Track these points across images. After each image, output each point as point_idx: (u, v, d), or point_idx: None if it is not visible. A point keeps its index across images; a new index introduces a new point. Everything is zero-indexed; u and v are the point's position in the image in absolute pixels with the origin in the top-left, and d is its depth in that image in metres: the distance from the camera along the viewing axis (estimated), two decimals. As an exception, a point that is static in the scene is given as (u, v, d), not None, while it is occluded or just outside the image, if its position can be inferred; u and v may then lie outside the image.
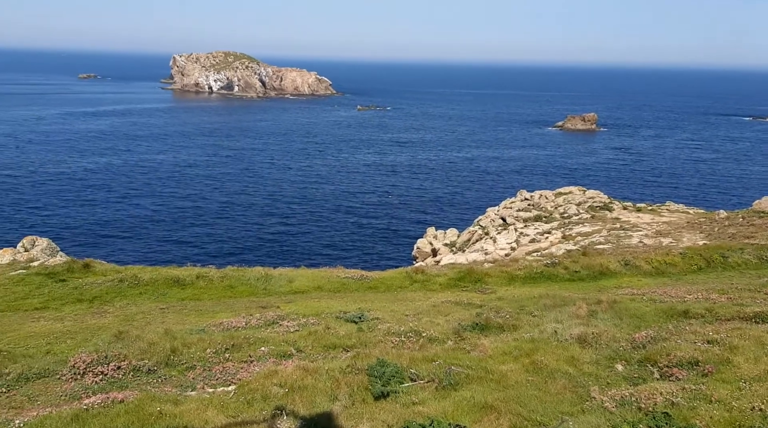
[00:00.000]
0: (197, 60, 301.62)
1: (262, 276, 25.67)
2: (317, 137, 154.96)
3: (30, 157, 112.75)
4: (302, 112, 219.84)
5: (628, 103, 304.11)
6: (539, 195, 54.49)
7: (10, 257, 28.48)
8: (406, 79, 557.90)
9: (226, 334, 16.14)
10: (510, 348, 13.80)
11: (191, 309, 21.28)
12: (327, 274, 26.32)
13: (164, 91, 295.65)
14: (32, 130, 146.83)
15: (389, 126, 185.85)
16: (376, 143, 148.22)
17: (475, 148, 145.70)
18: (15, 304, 21.93)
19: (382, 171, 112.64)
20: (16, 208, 78.56)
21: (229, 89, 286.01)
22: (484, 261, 31.58)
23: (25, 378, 13.63)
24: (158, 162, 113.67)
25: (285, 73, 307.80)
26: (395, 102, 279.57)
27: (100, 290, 23.46)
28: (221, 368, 13.85)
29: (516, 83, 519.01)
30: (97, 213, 78.22)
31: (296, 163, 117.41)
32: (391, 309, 19.65)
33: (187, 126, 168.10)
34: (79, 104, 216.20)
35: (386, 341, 15.16)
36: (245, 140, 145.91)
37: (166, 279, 24.86)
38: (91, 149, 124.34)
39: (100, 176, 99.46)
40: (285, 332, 16.52)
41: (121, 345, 15.07)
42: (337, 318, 17.81)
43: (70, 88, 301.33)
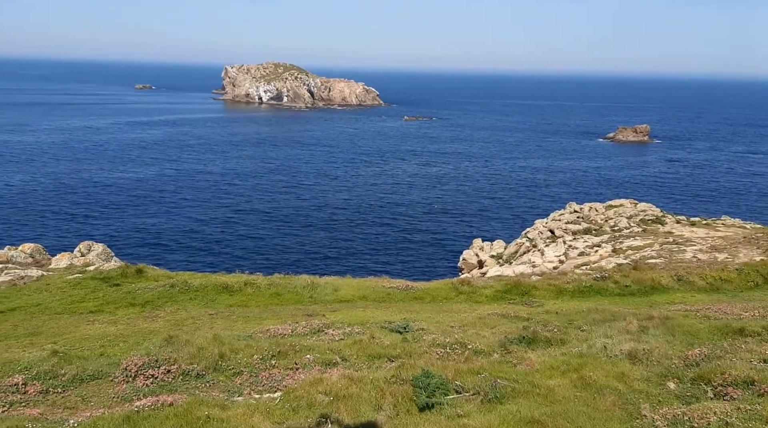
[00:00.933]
0: (248, 71, 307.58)
1: (308, 284, 25.89)
2: (363, 147, 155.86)
3: (86, 166, 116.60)
4: (349, 122, 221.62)
5: (682, 115, 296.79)
6: (589, 207, 53.54)
7: (67, 261, 29.45)
8: (453, 89, 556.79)
9: (272, 341, 16.31)
10: (558, 362, 13.56)
11: (239, 316, 21.60)
12: (372, 284, 26.36)
13: (216, 102, 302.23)
14: (88, 139, 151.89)
15: (435, 136, 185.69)
16: (422, 153, 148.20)
17: (522, 159, 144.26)
18: (71, 307, 22.65)
19: (428, 181, 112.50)
20: (73, 214, 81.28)
21: (278, 100, 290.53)
22: (532, 274, 31.16)
23: (79, 379, 14.04)
24: (207, 171, 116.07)
25: (333, 83, 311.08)
26: (442, 112, 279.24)
27: (151, 295, 24.03)
28: (267, 374, 14.00)
29: (563, 93, 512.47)
30: (149, 219, 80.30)
31: (342, 173, 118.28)
32: (437, 320, 19.55)
33: (236, 136, 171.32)
34: (134, 114, 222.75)
35: (431, 352, 15.08)
36: (292, 150, 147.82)
37: (215, 286, 25.31)
38: (144, 158, 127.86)
39: (151, 184, 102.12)
40: (330, 340, 16.61)
41: (171, 349, 15.38)
42: (382, 328, 17.81)
43: (126, 98, 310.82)
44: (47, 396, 13.18)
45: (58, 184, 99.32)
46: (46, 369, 14.38)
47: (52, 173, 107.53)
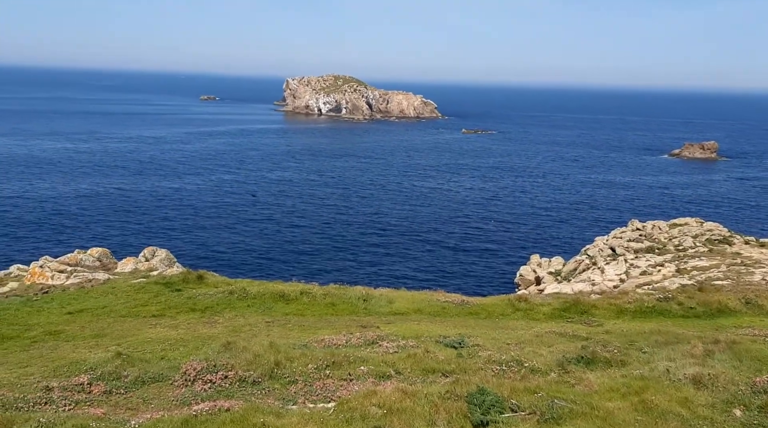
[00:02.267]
0: (308, 83, 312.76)
1: (363, 295, 25.99)
2: (419, 160, 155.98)
3: (150, 174, 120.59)
4: (406, 134, 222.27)
5: (752, 131, 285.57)
6: (652, 225, 52.01)
7: (132, 266, 30.44)
8: (513, 102, 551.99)
9: (327, 351, 16.42)
10: (618, 384, 13.17)
11: (294, 324, 21.84)
12: (427, 297, 26.25)
13: (277, 113, 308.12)
14: (154, 148, 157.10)
15: (493, 149, 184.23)
16: (480, 167, 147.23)
17: (582, 174, 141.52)
18: (135, 310, 23.38)
19: (485, 195, 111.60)
20: (139, 220, 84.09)
21: (337, 111, 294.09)
22: (591, 293, 30.44)
23: (141, 381, 14.45)
24: (265, 181, 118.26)
25: (391, 95, 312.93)
26: (500, 125, 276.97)
27: (211, 301, 24.57)
28: (322, 384, 14.10)
29: (626, 108, 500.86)
30: (208, 226, 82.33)
31: (397, 185, 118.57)
32: (492, 336, 19.31)
33: (294, 147, 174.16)
34: (199, 125, 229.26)
35: (487, 369, 14.89)
36: (348, 161, 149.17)
37: (272, 294, 25.69)
38: (205, 167, 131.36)
39: (211, 193, 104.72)
40: (384, 353, 16.61)
41: (229, 356, 15.67)
42: (436, 343, 17.71)
43: (191, 109, 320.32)
44: (110, 396, 13.61)
45: (123, 190, 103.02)
46: (110, 370, 14.87)
47: (119, 180, 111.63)
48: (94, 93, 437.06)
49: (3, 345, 19.73)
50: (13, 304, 24.12)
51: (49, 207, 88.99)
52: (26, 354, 18.31)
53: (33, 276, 27.67)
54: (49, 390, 13.66)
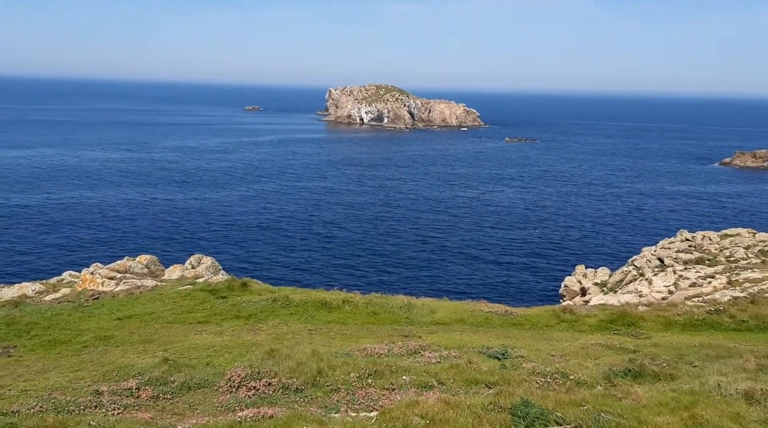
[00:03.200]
0: (351, 93, 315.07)
1: (405, 304, 25.95)
2: (462, 169, 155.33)
3: (195, 182, 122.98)
4: (448, 143, 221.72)
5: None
6: (702, 236, 50.63)
7: (179, 273, 31.06)
8: (557, 110, 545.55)
9: (369, 360, 16.44)
10: (667, 399, 12.83)
11: (337, 333, 21.94)
12: (470, 307, 26.07)
13: (319, 123, 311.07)
14: (199, 158, 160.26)
15: (536, 158, 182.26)
16: (523, 176, 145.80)
17: (628, 183, 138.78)
18: (182, 317, 23.84)
19: (528, 204, 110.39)
20: (184, 228, 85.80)
21: (379, 121, 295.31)
22: (638, 304, 29.78)
23: (187, 387, 14.71)
24: (305, 190, 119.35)
25: (433, 104, 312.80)
26: (544, 134, 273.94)
27: (255, 308, 24.88)
28: (364, 393, 14.11)
29: (673, 116, 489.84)
30: (251, 233, 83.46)
31: (438, 194, 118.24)
32: (537, 347, 19.05)
33: (335, 155, 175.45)
34: (243, 134, 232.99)
35: (531, 381, 14.69)
36: (389, 170, 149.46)
37: (314, 302, 25.87)
38: (248, 176, 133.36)
39: (253, 201, 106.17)
40: (427, 363, 16.55)
41: (272, 363, 15.83)
42: (479, 353, 17.56)
43: (236, 119, 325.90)
44: (157, 401, 13.89)
45: (169, 199, 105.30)
46: (158, 376, 15.18)
47: (165, 189, 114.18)
48: (144, 104, 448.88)
49: (56, 349, 20.35)
50: (65, 310, 24.86)
51: (100, 215, 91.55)
52: (77, 359, 18.83)
53: (84, 283, 28.47)
54: (99, 394, 14.01)
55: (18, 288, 28.41)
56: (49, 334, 21.93)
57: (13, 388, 15.06)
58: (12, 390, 14.77)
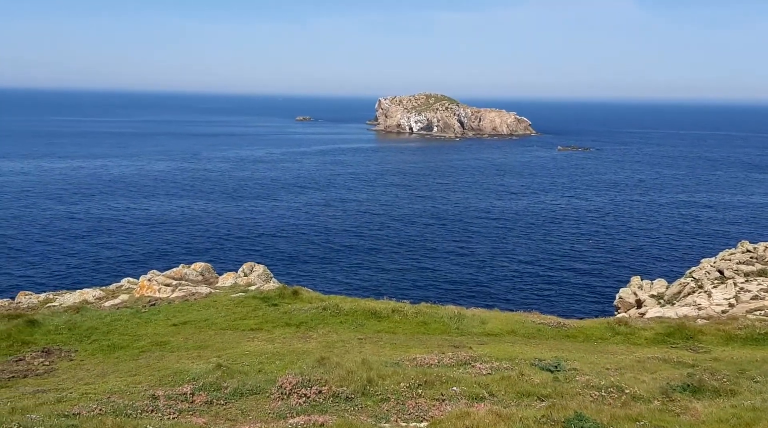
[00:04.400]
0: (400, 102, 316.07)
1: (455, 315, 25.76)
2: (512, 177, 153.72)
3: (248, 192, 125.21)
4: (499, 151, 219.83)
5: None
6: (764, 247, 48.63)
7: (232, 280, 31.61)
8: (611, 118, 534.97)
9: (419, 370, 16.37)
10: (727, 415, 12.37)
11: (386, 342, 21.93)
12: (521, 318, 25.70)
13: (369, 132, 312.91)
14: (251, 168, 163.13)
15: (589, 167, 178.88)
16: (575, 185, 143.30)
17: (686, 192, 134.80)
18: (234, 324, 24.25)
19: (582, 214, 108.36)
20: (237, 236, 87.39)
21: (428, 130, 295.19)
22: (697, 317, 28.83)
23: (239, 393, 14.93)
24: (353, 199, 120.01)
25: (484, 113, 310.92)
26: (597, 142, 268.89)
27: (305, 316, 25.10)
28: (414, 403, 14.06)
29: (732, 123, 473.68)
30: (299, 242, 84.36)
31: (488, 203, 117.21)
32: (590, 360, 18.64)
33: (384, 165, 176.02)
34: (294, 144, 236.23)
35: (584, 394, 14.37)
36: (438, 179, 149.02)
37: (364, 311, 25.93)
38: (297, 185, 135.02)
39: (301, 211, 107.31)
40: (477, 374, 16.37)
41: (323, 371, 15.93)
42: (531, 365, 17.28)
43: (288, 129, 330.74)
44: (211, 406, 14.14)
45: (222, 207, 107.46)
46: (211, 381, 15.46)
47: (218, 198, 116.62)
48: (200, 116, 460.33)
49: (114, 354, 20.97)
50: (123, 315, 25.60)
51: (156, 223, 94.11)
52: (135, 363, 19.36)
53: (142, 289, 29.26)
54: (155, 398, 14.36)
55: (79, 294, 29.39)
56: (109, 339, 22.62)
57: (75, 391, 15.57)
58: (73, 393, 15.28)
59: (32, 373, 19.01)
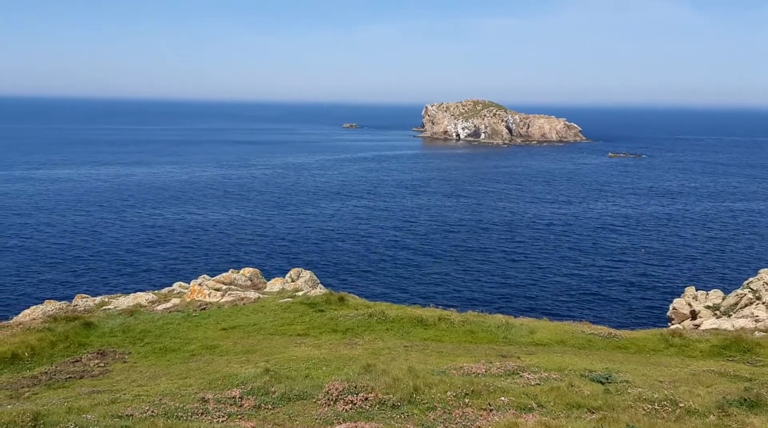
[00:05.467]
0: (447, 109, 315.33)
1: (503, 324, 25.45)
2: (561, 184, 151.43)
3: (294, 198, 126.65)
4: (548, 158, 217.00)
5: None
6: (827, 257, 46.66)
7: (279, 286, 31.99)
8: (663, 124, 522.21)
9: (466, 379, 16.21)
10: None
11: (432, 350, 21.81)
12: (571, 328, 25.22)
13: (415, 139, 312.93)
14: (297, 174, 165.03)
15: (641, 174, 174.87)
16: (627, 192, 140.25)
17: (743, 201, 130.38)
18: (282, 329, 24.50)
19: (633, 222, 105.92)
20: (285, 241, 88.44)
21: (475, 136, 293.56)
22: (755, 330, 27.81)
23: (287, 398, 15.05)
24: (399, 206, 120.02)
25: (532, 119, 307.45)
26: (649, 149, 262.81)
27: (352, 323, 25.18)
28: (461, 412, 13.92)
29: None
30: (345, 248, 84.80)
31: (537, 212, 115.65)
32: (643, 372, 18.15)
33: (430, 172, 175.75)
34: (340, 151, 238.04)
35: (636, 407, 13.99)
36: (485, 186, 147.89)
37: (410, 318, 25.85)
38: (343, 192, 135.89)
39: (347, 217, 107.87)
40: (525, 384, 16.12)
41: (369, 378, 15.92)
42: (581, 377, 16.92)
43: (334, 136, 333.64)
44: (259, 411, 14.29)
45: (269, 213, 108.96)
46: (259, 386, 15.63)
47: (264, 204, 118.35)
48: (247, 123, 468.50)
49: (166, 356, 21.44)
50: (175, 319, 26.17)
51: (206, 228, 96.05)
52: (185, 367, 19.74)
53: (193, 294, 29.87)
54: (205, 401, 14.60)
55: (133, 297, 30.20)
56: (161, 342, 23.15)
57: (128, 392, 15.98)
58: (127, 395, 15.68)
59: (88, 374, 19.60)
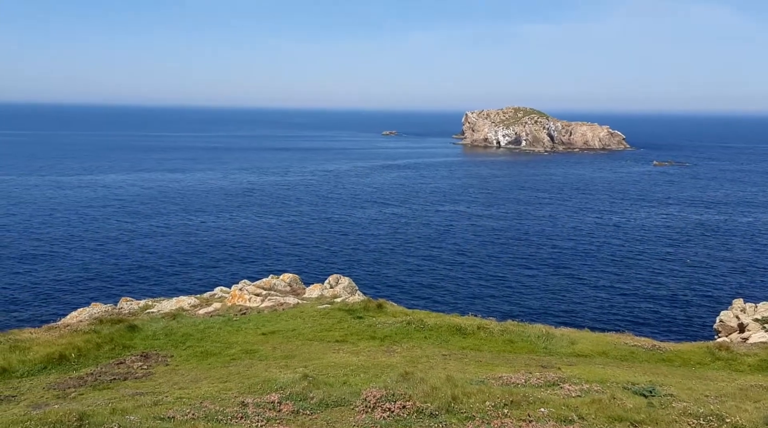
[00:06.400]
0: (487, 116, 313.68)
1: (543, 334, 25.14)
2: (604, 193, 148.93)
3: (332, 205, 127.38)
4: (590, 166, 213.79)
5: None
6: None
7: (318, 292, 32.20)
8: (711, 132, 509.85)
9: (505, 389, 16.04)
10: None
11: (471, 359, 21.66)
12: (613, 340, 24.75)
13: (454, 146, 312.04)
14: (336, 181, 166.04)
15: (687, 183, 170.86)
16: (672, 201, 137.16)
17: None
18: (320, 335, 24.65)
19: (678, 232, 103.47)
20: (323, 247, 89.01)
21: (516, 144, 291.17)
22: (807, 345, 26.82)
23: (325, 404, 15.11)
24: (436, 212, 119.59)
25: (575, 127, 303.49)
26: (696, 157, 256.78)
27: (390, 330, 25.18)
28: (499, 423, 13.77)
29: None
30: (383, 255, 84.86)
31: (579, 220, 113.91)
32: (688, 386, 17.68)
33: (469, 179, 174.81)
34: (379, 158, 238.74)
35: (681, 422, 13.64)
36: (525, 194, 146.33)
37: (448, 327, 25.74)
38: (382, 199, 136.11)
39: (383, 223, 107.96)
40: (566, 396, 15.87)
41: (407, 386, 15.88)
42: (623, 389, 16.58)
43: (374, 143, 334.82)
44: (297, 416, 14.37)
45: (308, 219, 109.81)
46: (298, 391, 15.74)
47: (304, 210, 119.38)
48: (289, 130, 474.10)
49: (207, 360, 21.77)
50: (216, 323, 26.57)
51: (247, 233, 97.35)
52: (226, 371, 20.01)
53: (233, 298, 30.28)
54: (244, 405, 14.76)
55: (176, 301, 30.77)
56: (202, 346, 23.52)
57: (170, 395, 16.26)
58: (169, 397, 15.96)
59: (131, 376, 20.02)
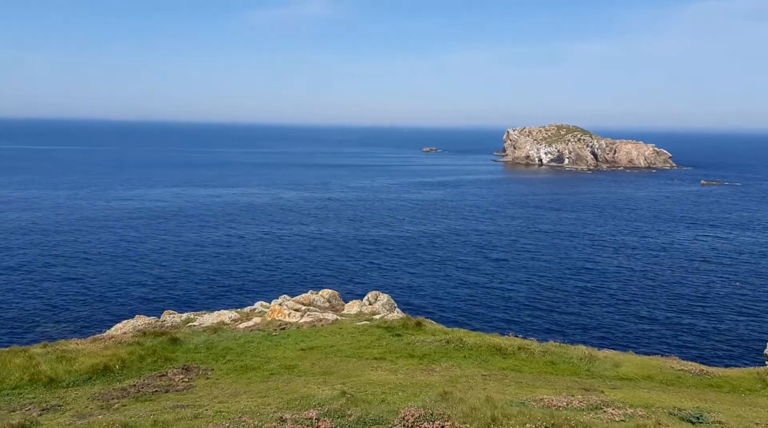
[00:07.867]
0: (529, 133, 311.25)
1: (586, 356, 24.61)
2: (650, 212, 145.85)
3: (370, 220, 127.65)
4: (635, 185, 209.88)
5: None
6: None
7: (357, 308, 32.20)
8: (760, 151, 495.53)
9: (546, 412, 15.71)
10: None
11: (511, 380, 21.30)
12: (659, 363, 24.07)
13: (495, 164, 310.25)
14: (376, 198, 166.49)
15: (737, 204, 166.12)
16: (721, 222, 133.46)
17: None
18: (359, 352, 24.59)
19: (726, 254, 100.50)
20: (362, 264, 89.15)
21: (559, 161, 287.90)
22: None
23: (362, 421, 15.02)
24: (476, 230, 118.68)
25: (619, 145, 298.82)
26: (745, 177, 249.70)
27: (429, 348, 24.98)
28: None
29: None
30: (421, 272, 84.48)
31: (622, 240, 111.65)
32: (738, 413, 17.05)
33: (510, 196, 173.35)
34: (419, 175, 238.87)
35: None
36: (567, 213, 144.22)
37: (489, 347, 25.41)
38: (420, 216, 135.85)
39: (424, 240, 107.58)
40: (609, 420, 15.46)
41: (446, 406, 15.69)
42: (670, 415, 16.07)
43: (414, 160, 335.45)
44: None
45: (345, 235, 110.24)
46: (336, 408, 15.69)
47: (343, 227, 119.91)
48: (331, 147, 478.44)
49: (246, 374, 21.91)
50: (256, 338, 26.77)
51: (287, 248, 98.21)
52: (265, 385, 20.10)
53: (273, 313, 30.49)
54: (282, 421, 14.78)
55: (217, 315, 31.14)
56: (242, 360, 23.70)
57: (210, 408, 16.40)
58: (209, 410, 16.10)
59: (173, 389, 20.28)
